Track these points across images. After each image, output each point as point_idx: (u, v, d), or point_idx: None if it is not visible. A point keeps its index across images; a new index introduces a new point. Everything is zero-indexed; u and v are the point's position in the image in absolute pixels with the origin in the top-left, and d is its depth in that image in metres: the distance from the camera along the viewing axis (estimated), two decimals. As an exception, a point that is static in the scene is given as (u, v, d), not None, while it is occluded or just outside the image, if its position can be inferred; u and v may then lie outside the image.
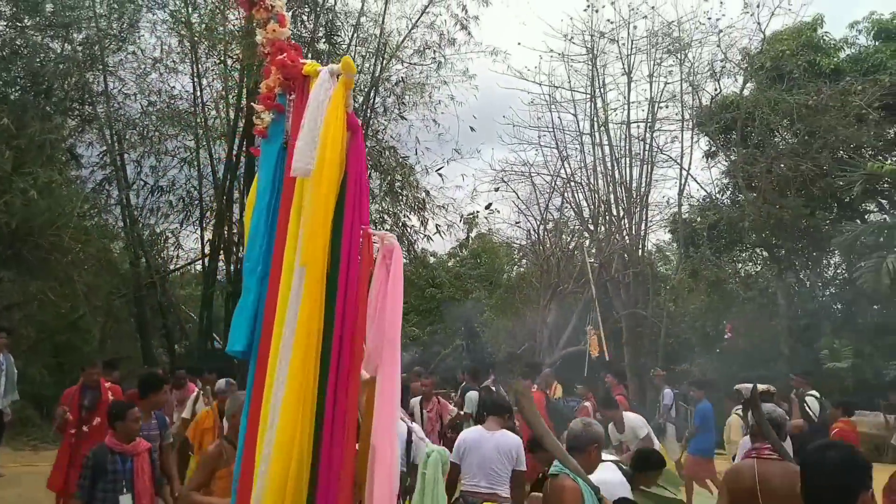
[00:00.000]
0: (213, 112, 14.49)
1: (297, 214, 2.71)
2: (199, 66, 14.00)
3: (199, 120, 14.13)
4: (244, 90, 13.95)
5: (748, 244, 18.19)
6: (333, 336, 2.61)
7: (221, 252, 14.48)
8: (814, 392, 8.11)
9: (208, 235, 14.66)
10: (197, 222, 14.98)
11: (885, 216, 16.28)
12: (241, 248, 14.17)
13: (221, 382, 6.54)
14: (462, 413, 7.61)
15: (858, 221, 16.01)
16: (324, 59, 14.30)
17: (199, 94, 14.15)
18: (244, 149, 14.22)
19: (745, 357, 16.08)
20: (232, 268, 14.45)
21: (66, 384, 7.34)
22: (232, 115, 14.18)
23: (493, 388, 8.14)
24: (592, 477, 3.50)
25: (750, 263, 19.08)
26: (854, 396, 11.12)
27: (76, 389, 6.36)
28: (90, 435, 5.99)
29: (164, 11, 13.58)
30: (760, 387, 6.80)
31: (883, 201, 16.65)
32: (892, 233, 14.34)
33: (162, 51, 13.71)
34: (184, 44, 13.86)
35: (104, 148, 14.20)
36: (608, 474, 3.90)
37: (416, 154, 14.55)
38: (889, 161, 15.62)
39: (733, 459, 6.09)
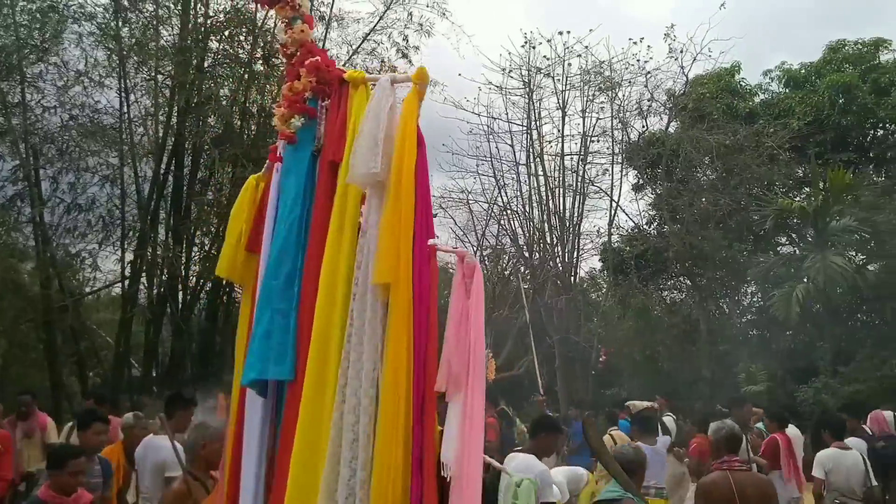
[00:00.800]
0: (141, 129, 13.96)
1: (339, 227, 2.54)
2: (128, 81, 13.51)
3: (124, 136, 13.59)
4: (175, 108, 13.57)
5: (672, 273, 19.16)
6: (415, 359, 2.44)
7: (143, 275, 13.84)
8: (670, 413, 8.82)
9: (129, 257, 14.00)
10: (117, 243, 14.28)
11: (795, 249, 17.59)
12: (164, 272, 13.61)
13: (129, 416, 5.86)
14: None
15: (771, 253, 17.23)
16: (260, 80, 14.17)
17: (125, 109, 13.63)
18: (172, 168, 13.78)
19: (669, 380, 16.84)
20: (155, 291, 13.84)
21: (-38, 418, 6.45)
22: (161, 132, 13.71)
23: None
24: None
25: (675, 291, 20.10)
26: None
27: None
28: None
29: (92, 24, 13.06)
30: (644, 403, 7.38)
31: (793, 235, 18.01)
32: (801, 265, 15.48)
33: (87, 64, 13.15)
34: (112, 58, 13.36)
35: (17, 162, 13.39)
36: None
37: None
38: (798, 198, 16.97)
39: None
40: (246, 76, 13.94)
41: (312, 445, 2.42)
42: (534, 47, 15.47)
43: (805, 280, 15.09)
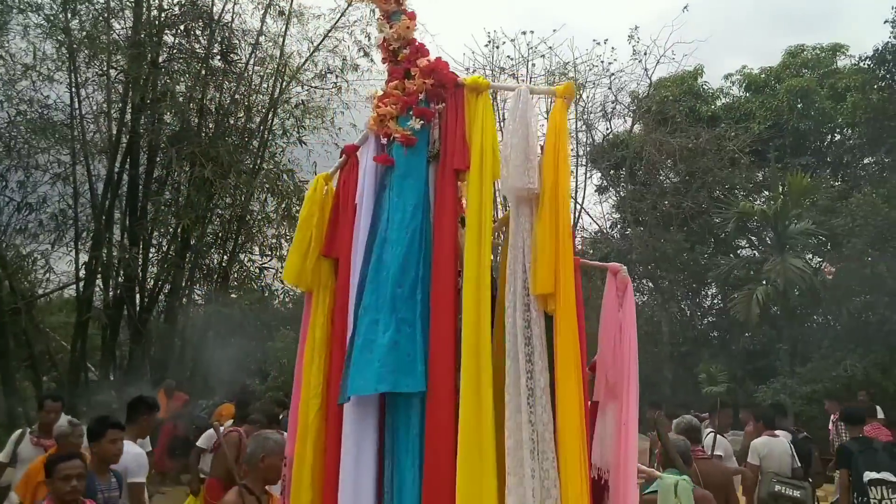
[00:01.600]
0: (93, 126, 13.11)
1: (477, 238, 2.47)
2: (78, 75, 12.66)
3: (76, 133, 12.75)
4: (129, 104, 12.77)
5: (635, 275, 18.87)
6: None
7: (99, 276, 13.07)
8: None
9: (84, 258, 13.19)
10: (71, 244, 13.43)
11: (755, 252, 17.44)
12: (120, 274, 12.86)
13: (64, 423, 5.22)
14: None
15: (731, 256, 17.04)
16: (219, 77, 13.42)
17: (77, 105, 12.77)
18: (127, 166, 12.99)
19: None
20: (111, 293, 13.05)
21: None
22: (114, 129, 12.90)
23: None
24: None
25: (637, 293, 19.81)
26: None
27: None
28: None
29: (39, 15, 12.17)
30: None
31: (752, 238, 17.87)
32: (760, 267, 15.31)
33: (35, 57, 12.27)
34: (61, 51, 12.50)
35: (-38, 159, 12.48)
36: None
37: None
38: (758, 202, 16.76)
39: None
40: (203, 72, 13.20)
41: (480, 458, 2.39)
42: (497, 47, 14.99)
43: (764, 282, 14.90)
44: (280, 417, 6.57)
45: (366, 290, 2.58)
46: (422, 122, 2.66)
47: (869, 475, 5.35)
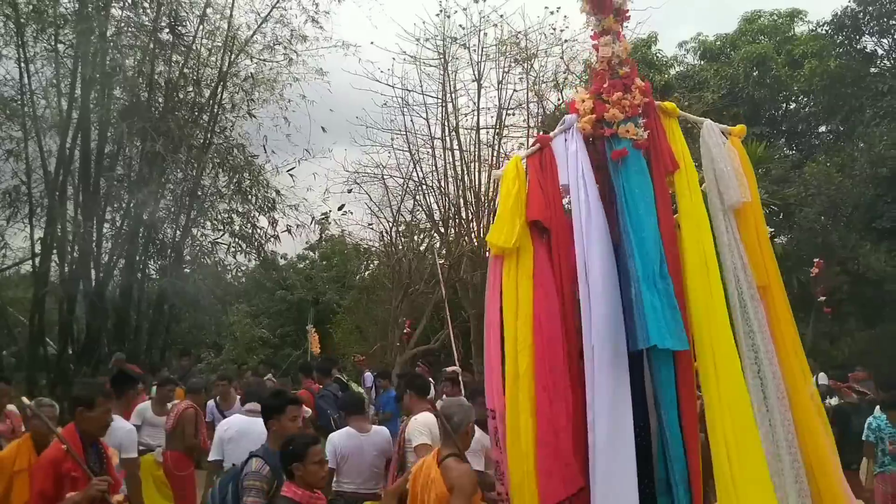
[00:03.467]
0: (44, 101, 13.95)
1: (698, 238, 3.32)
2: (27, 50, 13.46)
3: (26, 109, 13.58)
4: (78, 79, 13.58)
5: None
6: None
7: (54, 251, 13.96)
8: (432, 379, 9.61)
9: (39, 233, 14.10)
10: (26, 219, 14.34)
11: (709, 221, 18.32)
12: (75, 249, 13.74)
13: (30, 403, 4.64)
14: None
15: (686, 226, 17.95)
16: (168, 50, 14.22)
17: (26, 80, 13.60)
18: (79, 142, 13.83)
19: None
20: (66, 268, 13.97)
21: None
22: (65, 105, 13.73)
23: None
24: None
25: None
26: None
27: (74, 435, 3.92)
28: None
29: (-17, -10, 12.96)
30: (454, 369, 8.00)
31: (707, 207, 18.75)
32: (712, 236, 16.20)
33: (-18, 32, 13.07)
34: (8, 25, 13.30)
35: (-89, 136, 13.33)
36: None
37: (266, 152, 14.76)
38: (711, 172, 17.63)
39: None
40: (151, 45, 14.00)
41: (747, 420, 3.10)
42: (449, 16, 15.47)
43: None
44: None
45: (636, 261, 3.24)
46: (647, 130, 3.48)
47: None
